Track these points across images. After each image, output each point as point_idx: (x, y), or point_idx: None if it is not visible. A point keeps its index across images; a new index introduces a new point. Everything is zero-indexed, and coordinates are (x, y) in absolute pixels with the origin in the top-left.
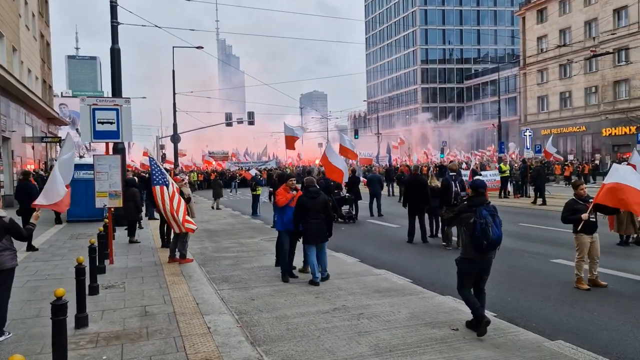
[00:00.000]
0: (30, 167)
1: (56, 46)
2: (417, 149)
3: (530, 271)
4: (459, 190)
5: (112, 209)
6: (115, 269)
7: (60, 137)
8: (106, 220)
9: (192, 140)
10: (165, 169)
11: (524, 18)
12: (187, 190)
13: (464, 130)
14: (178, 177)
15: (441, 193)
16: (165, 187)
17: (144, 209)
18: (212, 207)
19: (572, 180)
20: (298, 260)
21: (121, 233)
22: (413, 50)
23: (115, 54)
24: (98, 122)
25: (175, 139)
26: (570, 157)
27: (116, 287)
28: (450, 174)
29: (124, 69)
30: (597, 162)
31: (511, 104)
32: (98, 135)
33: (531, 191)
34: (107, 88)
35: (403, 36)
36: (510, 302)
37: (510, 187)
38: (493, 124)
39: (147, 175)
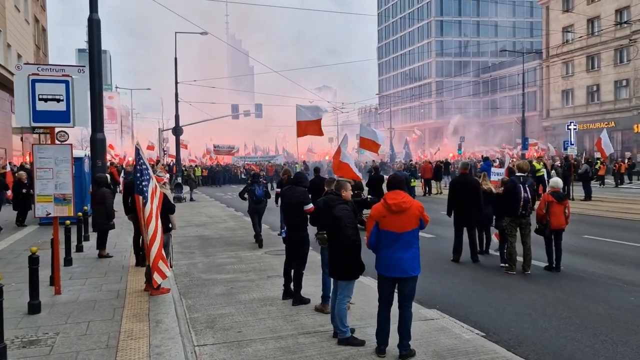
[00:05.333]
0: (19, 161)
1: (68, 39)
2: (433, 144)
3: None
4: (529, 196)
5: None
6: (57, 305)
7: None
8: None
9: (197, 132)
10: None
11: (547, 7)
12: (167, 191)
13: (481, 125)
14: (158, 176)
15: (500, 198)
16: (142, 198)
17: None
18: None
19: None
20: (311, 291)
21: (94, 242)
22: (428, 42)
23: (94, 25)
24: (39, 99)
25: (177, 131)
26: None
27: (41, 343)
28: (518, 174)
29: (134, 58)
30: (632, 160)
31: (530, 99)
32: (39, 116)
33: (576, 191)
34: (116, 81)
35: (417, 28)
36: None
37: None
38: (516, 119)
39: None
